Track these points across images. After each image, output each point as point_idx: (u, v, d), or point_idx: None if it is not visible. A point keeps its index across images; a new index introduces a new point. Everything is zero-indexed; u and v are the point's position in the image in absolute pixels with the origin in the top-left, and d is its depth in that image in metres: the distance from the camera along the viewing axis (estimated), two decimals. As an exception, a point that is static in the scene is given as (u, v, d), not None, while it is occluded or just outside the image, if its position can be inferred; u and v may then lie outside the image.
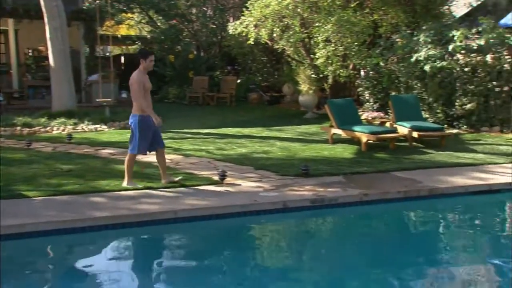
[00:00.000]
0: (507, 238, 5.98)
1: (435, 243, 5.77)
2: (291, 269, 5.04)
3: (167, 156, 8.82)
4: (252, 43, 14.25)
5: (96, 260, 5.22)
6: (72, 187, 6.66)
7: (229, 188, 6.72)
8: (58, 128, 11.88)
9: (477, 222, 6.68)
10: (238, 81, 18.82)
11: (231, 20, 17.54)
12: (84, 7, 16.45)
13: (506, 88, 11.40)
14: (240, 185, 6.89)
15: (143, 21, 21.73)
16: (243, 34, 14.19)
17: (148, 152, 6.93)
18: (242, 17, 14.05)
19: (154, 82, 19.15)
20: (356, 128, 9.91)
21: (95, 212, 5.75)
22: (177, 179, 6.98)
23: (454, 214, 6.95)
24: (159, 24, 20.51)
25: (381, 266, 5.01)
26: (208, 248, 5.57)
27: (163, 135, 11.20)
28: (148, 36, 21.02)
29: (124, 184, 6.71)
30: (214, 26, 19.94)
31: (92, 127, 12.17)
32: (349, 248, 5.55)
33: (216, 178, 7.12)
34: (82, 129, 12.02)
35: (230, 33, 15.05)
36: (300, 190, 6.64)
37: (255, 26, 13.62)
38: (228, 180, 7.01)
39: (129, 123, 6.76)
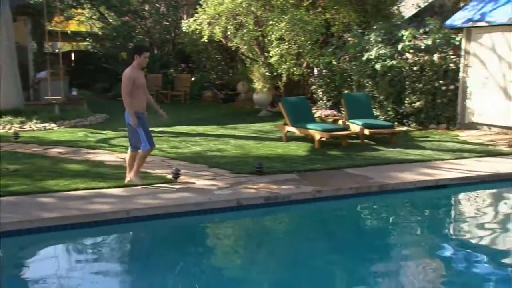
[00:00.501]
0: (452, 231, 6.21)
1: (385, 238, 5.92)
2: (244, 267, 5.05)
3: (119, 155, 8.70)
4: (206, 40, 14.19)
5: (44, 263, 5.07)
6: (19, 187, 6.44)
7: (183, 187, 6.67)
8: (4, 127, 11.45)
9: (424, 216, 6.89)
10: (193, 79, 18.71)
11: (185, 18, 17.40)
12: (31, 1, 15.90)
13: (452, 87, 11.81)
14: (194, 183, 6.84)
15: (94, 17, 21.25)
16: (197, 32, 14.11)
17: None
18: (196, 15, 13.98)
19: (107, 79, 18.99)
20: (310, 126, 10.04)
21: (44, 213, 5.58)
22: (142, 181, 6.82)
23: (403, 209, 7.14)
24: (110, 20, 20.11)
25: (334, 262, 5.10)
26: (161, 247, 5.52)
27: (115, 134, 11.06)
28: (100, 33, 20.58)
29: (130, 178, 6.67)
30: (167, 23, 19.74)
31: (40, 125, 11.79)
32: (303, 244, 5.61)
33: (170, 176, 7.05)
34: (30, 127, 11.63)
35: (184, 30, 14.94)
36: (254, 188, 6.66)
37: (209, 23, 13.58)
38: (182, 178, 6.95)
39: (127, 122, 6.66)
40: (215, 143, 10.07)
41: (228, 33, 13.91)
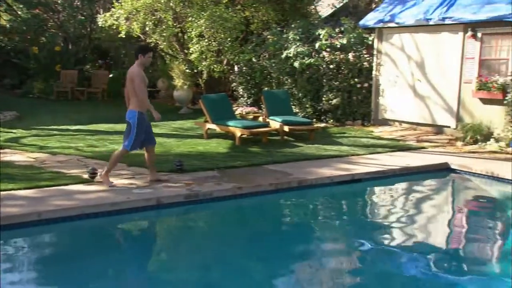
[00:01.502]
0: (367, 224, 6.47)
1: (304, 233, 6.04)
2: (165, 266, 4.97)
3: (30, 155, 8.25)
4: (124, 36, 13.80)
5: None
6: None
7: (100, 187, 6.44)
8: None
9: (341, 210, 7.13)
10: (111, 75, 18.12)
11: (101, 12, 16.81)
12: None
13: (366, 85, 12.32)
14: (112, 182, 6.63)
15: (0, 9, 19.97)
16: (114, 27, 13.68)
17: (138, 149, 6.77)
18: (113, 9, 13.55)
19: (16, 75, 17.90)
20: (230, 123, 10.06)
21: None
22: (165, 177, 6.84)
23: (321, 204, 7.34)
24: (19, 13, 19.00)
25: (254, 258, 5.14)
26: (76, 250, 5.28)
27: (26, 132, 10.48)
28: (7, 26, 19.38)
29: (100, 178, 6.56)
30: (82, 17, 18.97)
31: None
32: (224, 241, 5.61)
33: (86, 176, 6.79)
34: None
35: (100, 25, 14.42)
36: (175, 186, 6.57)
37: (127, 19, 13.22)
38: (99, 178, 6.71)
39: (127, 119, 6.56)
40: (134, 141, 9.82)
41: (147, 29, 13.61)
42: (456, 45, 10.55)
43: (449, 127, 10.86)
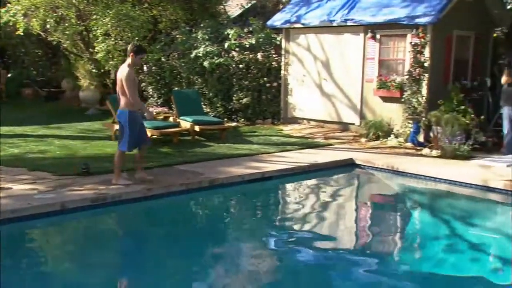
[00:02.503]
0: (278, 220, 6.62)
1: (215, 231, 6.06)
2: (69, 273, 4.76)
3: None
4: (22, 33, 13.04)
5: None
6: None
7: (-3, 194, 6.03)
8: None
9: (251, 207, 7.22)
10: (9, 75, 17.04)
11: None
12: None
13: (275, 84, 12.57)
14: (11, 188, 6.25)
15: None
16: (11, 24, 12.88)
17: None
18: (9, 5, 12.74)
19: None
20: (140, 123, 9.84)
21: None
22: (149, 177, 6.79)
23: (232, 202, 7.40)
24: None
25: (165, 259, 5.07)
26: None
27: None
28: None
29: (114, 181, 6.49)
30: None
31: None
32: (132, 245, 5.49)
33: (-18, 183, 6.34)
34: None
35: (-5, 22, 13.51)
36: (81, 190, 6.31)
37: (25, 15, 12.49)
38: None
39: (117, 119, 6.58)
40: (36, 144, 9.32)
41: (48, 26, 12.95)
42: (358, 45, 11.07)
43: (353, 124, 11.37)
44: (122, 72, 6.46)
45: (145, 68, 14.80)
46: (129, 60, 6.47)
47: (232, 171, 7.65)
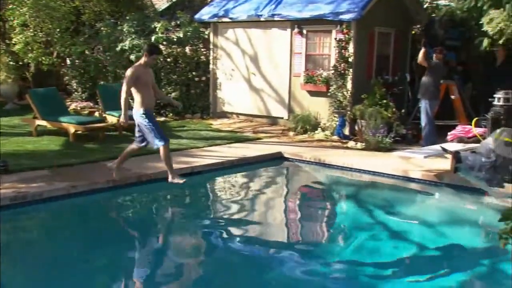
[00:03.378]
0: (207, 214, 6.60)
1: (142, 228, 5.94)
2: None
3: None
4: None
5: None
6: None
7: None
8: None
9: (179, 202, 7.15)
10: None
11: None
12: None
13: (204, 78, 12.51)
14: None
15: None
16: None
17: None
18: None
19: None
20: (63, 118, 9.48)
21: None
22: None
23: (160, 197, 7.26)
24: None
25: (91, 258, 4.93)
26: None
27: None
28: None
29: (170, 180, 6.42)
30: None
31: None
32: (56, 243, 5.28)
33: None
34: None
35: None
36: (-2, 189, 5.99)
37: None
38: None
39: (134, 119, 6.49)
40: None
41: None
42: (285, 40, 11.24)
43: (282, 118, 11.54)
44: (128, 71, 6.47)
45: (68, 61, 14.24)
46: (142, 60, 6.47)
47: (160, 166, 7.46)
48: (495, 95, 8.31)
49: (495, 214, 5.65)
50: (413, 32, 11.62)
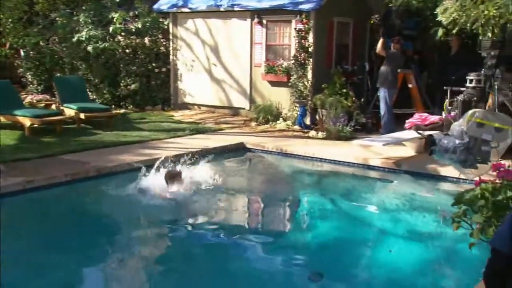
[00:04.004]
0: (168, 206, 6.54)
1: (101, 222, 5.82)
2: None
3: None
4: None
5: None
6: None
7: None
8: None
9: (139, 195, 7.03)
10: None
11: None
12: None
13: (164, 69, 12.38)
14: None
15: None
16: None
17: None
18: None
19: None
20: (18, 112, 9.23)
21: None
22: None
23: (120, 191, 7.06)
24: None
25: (48, 254, 4.83)
26: None
27: None
28: None
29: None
30: None
31: None
32: (10, 240, 5.14)
33: None
34: None
35: None
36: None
37: None
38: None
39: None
40: None
41: None
42: (245, 30, 11.22)
43: (244, 108, 11.56)
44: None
45: (22, 52, 13.81)
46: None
47: (121, 159, 7.46)
48: (467, 77, 8.17)
49: (450, 199, 5.84)
50: (371, 22, 11.80)
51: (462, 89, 8.31)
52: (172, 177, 6.12)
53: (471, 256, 3.47)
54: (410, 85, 10.40)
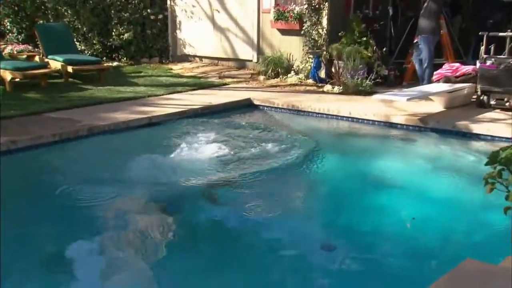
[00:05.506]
0: (168, 169, 6.54)
1: (94, 183, 5.80)
2: None
3: None
4: None
5: None
6: None
7: None
8: None
9: (138, 155, 7.03)
10: None
11: None
12: None
13: (160, 16, 12.22)
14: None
15: None
16: None
17: None
18: None
19: None
20: (-3, 64, 9.20)
21: None
22: None
23: (114, 152, 7.01)
24: None
25: (35, 221, 4.88)
26: None
27: None
28: None
29: None
30: None
31: None
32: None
33: None
34: None
35: None
36: None
37: None
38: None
39: None
40: None
41: None
42: (252, -29, 10.99)
43: (250, 60, 11.45)
44: None
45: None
46: None
47: (114, 117, 7.48)
48: None
49: (483, 159, 5.80)
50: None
51: (501, 34, 8.14)
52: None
53: (506, 222, 3.46)
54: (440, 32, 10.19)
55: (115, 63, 11.97)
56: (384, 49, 9.91)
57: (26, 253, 4.28)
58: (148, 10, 12.12)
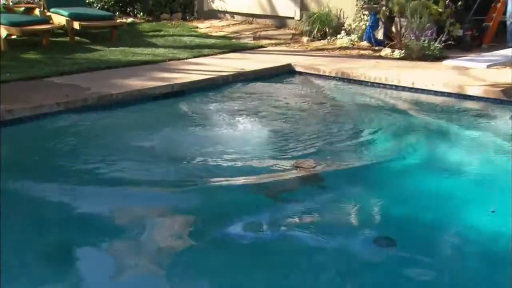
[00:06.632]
0: (193, 149, 6.48)
1: (100, 163, 5.79)
2: None
3: None
4: None
5: None
6: None
7: None
8: None
9: (157, 131, 6.95)
10: None
11: None
12: None
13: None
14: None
15: None
16: None
17: None
18: None
19: None
20: (-10, 19, 9.39)
21: None
22: None
23: (126, 126, 6.97)
24: None
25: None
26: None
27: None
28: None
29: None
30: None
31: None
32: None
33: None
34: None
35: None
36: None
37: None
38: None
39: None
40: None
41: None
42: None
43: (292, 18, 11.39)
44: None
45: None
46: None
47: (129, 84, 7.60)
48: None
49: None
50: None
51: None
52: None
53: None
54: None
55: (129, 19, 12.07)
56: (459, 3, 9.65)
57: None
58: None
